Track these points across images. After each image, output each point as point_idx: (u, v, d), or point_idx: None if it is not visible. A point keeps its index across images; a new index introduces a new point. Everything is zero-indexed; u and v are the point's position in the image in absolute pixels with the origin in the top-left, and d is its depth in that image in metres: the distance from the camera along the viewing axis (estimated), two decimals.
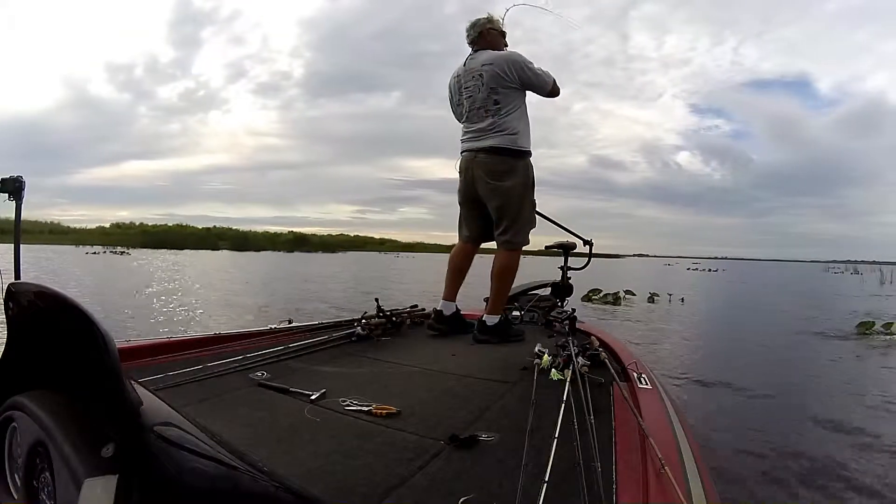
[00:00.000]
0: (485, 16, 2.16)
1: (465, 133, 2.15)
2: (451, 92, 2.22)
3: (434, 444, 0.96)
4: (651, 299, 10.13)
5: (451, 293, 2.19)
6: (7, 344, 0.69)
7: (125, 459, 0.49)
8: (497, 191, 2.07)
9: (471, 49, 2.15)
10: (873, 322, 6.26)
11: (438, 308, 2.18)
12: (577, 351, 1.45)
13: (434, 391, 1.33)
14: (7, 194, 1.61)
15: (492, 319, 2.05)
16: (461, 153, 2.18)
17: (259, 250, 51.91)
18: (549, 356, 1.51)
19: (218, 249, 50.02)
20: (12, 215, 1.66)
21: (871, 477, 2.12)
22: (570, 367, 1.32)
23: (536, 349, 1.58)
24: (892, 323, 6.22)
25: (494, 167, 2.06)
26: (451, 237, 2.35)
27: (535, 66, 2.07)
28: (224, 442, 0.56)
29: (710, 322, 6.81)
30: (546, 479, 0.76)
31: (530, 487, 0.75)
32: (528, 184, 2.13)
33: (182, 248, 45.12)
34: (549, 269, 2.89)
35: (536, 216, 2.21)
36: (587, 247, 2.63)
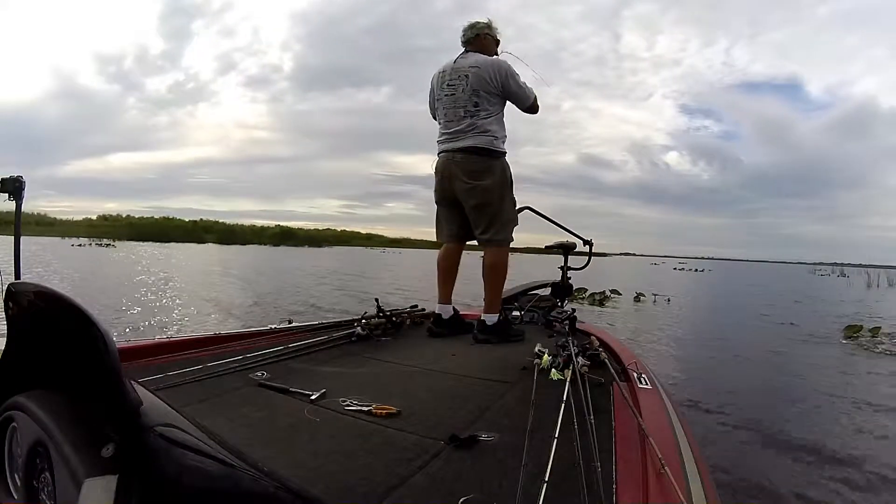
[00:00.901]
0: (485, 20, 2.18)
1: (442, 134, 2.17)
2: (432, 87, 2.21)
3: (434, 444, 0.96)
4: (637, 299, 10.13)
5: (445, 296, 2.21)
6: (7, 344, 0.69)
7: (125, 459, 0.49)
8: (475, 190, 2.09)
9: (463, 48, 2.17)
10: (860, 325, 6.30)
11: (437, 312, 2.19)
12: (577, 351, 1.45)
13: (434, 391, 1.33)
14: (7, 194, 1.61)
15: (491, 318, 2.06)
16: (438, 154, 2.20)
17: (245, 244, 51.66)
18: (549, 356, 1.51)
19: (204, 242, 49.88)
20: (12, 207, 1.65)
21: (869, 473, 2.12)
22: (570, 367, 1.32)
23: (536, 349, 1.58)
24: (879, 327, 6.25)
25: (472, 167, 2.08)
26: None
27: (521, 79, 2.10)
28: (224, 442, 0.56)
29: (696, 323, 6.79)
30: (546, 479, 0.76)
31: (530, 487, 0.75)
32: (507, 182, 2.14)
33: (168, 241, 44.92)
34: (550, 270, 2.89)
35: (539, 217, 2.21)
36: (587, 247, 2.64)
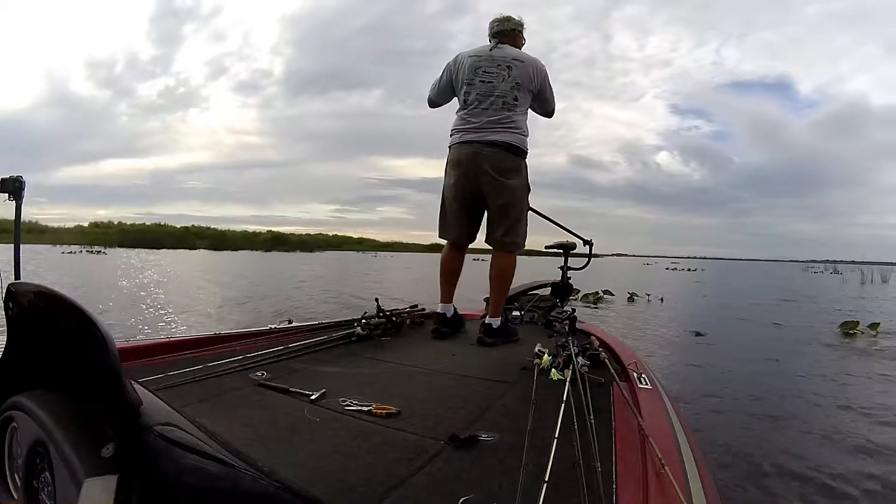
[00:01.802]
0: (518, 17, 2.14)
1: (470, 122, 2.03)
2: (455, 70, 2.09)
3: (434, 444, 0.96)
4: (630, 299, 10.07)
5: (447, 296, 2.22)
6: (7, 344, 0.69)
7: (125, 459, 0.49)
8: (503, 188, 2.03)
9: (492, 39, 2.11)
10: (857, 322, 6.28)
11: (440, 311, 2.19)
12: (577, 351, 1.45)
13: (434, 391, 1.33)
14: (7, 194, 1.60)
15: (496, 322, 2.06)
16: (459, 144, 2.06)
17: (237, 249, 51.52)
18: (548, 356, 1.51)
19: (196, 249, 49.75)
20: (10, 215, 1.65)
21: (868, 474, 2.12)
22: (570, 367, 1.32)
23: (536, 349, 1.58)
24: (877, 323, 6.26)
25: (503, 163, 2.01)
26: (429, 236, 2.34)
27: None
28: (224, 442, 0.56)
29: (689, 323, 6.74)
30: (546, 479, 0.76)
31: (530, 487, 0.75)
32: (528, 186, 2.13)
33: (160, 248, 44.63)
34: (550, 269, 2.89)
35: (539, 217, 2.21)
36: (587, 247, 2.63)
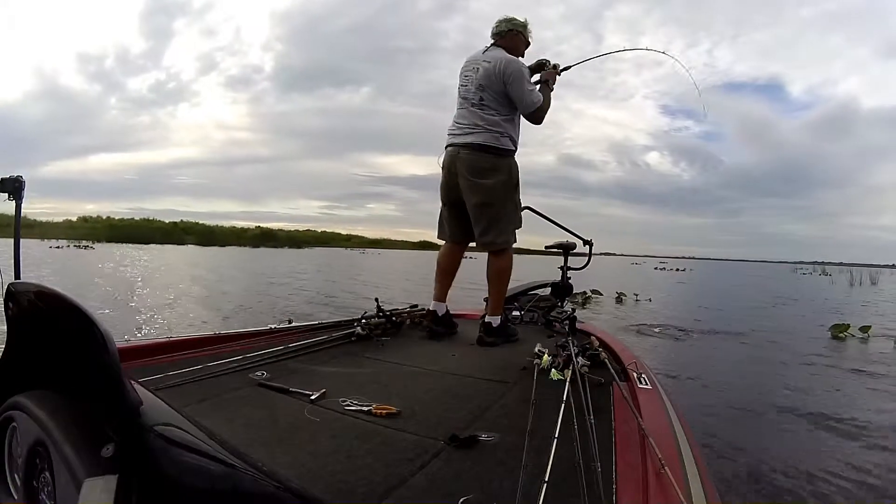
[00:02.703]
0: (522, 19, 2.13)
1: (453, 125, 2.11)
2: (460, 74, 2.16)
3: (434, 444, 0.96)
4: (618, 299, 10.04)
5: (441, 294, 2.21)
6: (7, 344, 0.69)
7: (125, 459, 0.49)
8: (477, 188, 2.03)
9: (492, 40, 2.11)
10: (848, 324, 6.29)
11: (431, 309, 2.18)
12: (576, 351, 1.45)
13: (434, 391, 1.33)
14: (7, 194, 1.60)
15: (496, 321, 2.06)
16: (446, 147, 2.13)
17: (225, 245, 51.45)
18: (548, 356, 1.51)
19: (184, 244, 49.80)
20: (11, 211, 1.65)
21: (868, 472, 2.12)
22: (570, 367, 1.32)
23: (536, 349, 1.58)
24: (869, 326, 6.25)
25: (476, 164, 2.03)
26: (418, 233, 2.34)
27: (529, 85, 2.03)
28: (224, 442, 0.56)
29: (677, 323, 6.75)
30: (546, 479, 0.76)
31: (530, 487, 0.75)
32: (512, 183, 2.10)
33: (148, 243, 44.57)
34: (550, 269, 2.89)
35: (537, 216, 2.20)
36: (587, 247, 2.63)
